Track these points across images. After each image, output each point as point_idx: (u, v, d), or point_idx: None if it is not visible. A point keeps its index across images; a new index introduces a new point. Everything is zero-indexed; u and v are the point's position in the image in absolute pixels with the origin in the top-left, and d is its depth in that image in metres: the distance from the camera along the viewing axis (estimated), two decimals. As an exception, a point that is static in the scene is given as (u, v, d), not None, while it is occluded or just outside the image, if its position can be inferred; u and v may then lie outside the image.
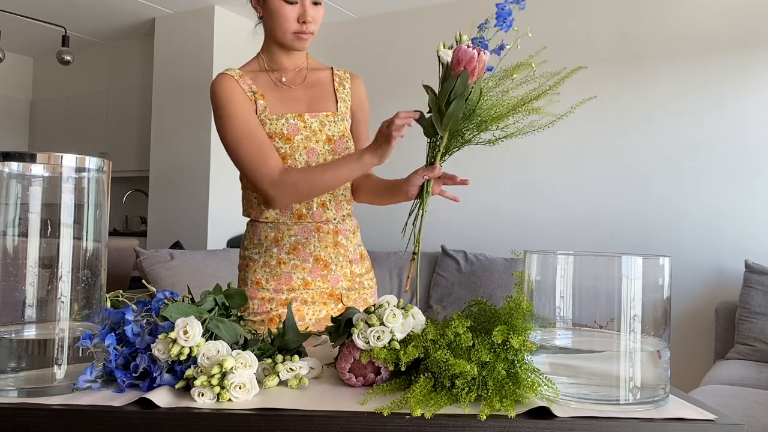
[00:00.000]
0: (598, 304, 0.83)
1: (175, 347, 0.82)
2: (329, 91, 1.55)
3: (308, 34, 1.45)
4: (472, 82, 1.19)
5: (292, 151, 1.46)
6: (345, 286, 1.52)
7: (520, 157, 4.02)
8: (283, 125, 1.46)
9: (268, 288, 1.48)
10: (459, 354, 0.83)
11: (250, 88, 1.47)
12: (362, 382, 0.89)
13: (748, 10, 3.46)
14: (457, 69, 1.19)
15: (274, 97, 1.49)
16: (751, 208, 3.43)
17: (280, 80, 1.51)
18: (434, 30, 4.41)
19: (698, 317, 3.51)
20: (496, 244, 4.05)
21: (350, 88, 1.58)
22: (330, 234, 1.51)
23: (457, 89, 1.18)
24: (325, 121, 1.50)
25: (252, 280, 1.50)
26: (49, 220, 0.84)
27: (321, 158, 1.48)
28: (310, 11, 1.43)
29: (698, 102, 3.57)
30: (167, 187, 4.82)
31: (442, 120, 1.20)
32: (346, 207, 1.55)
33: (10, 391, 0.81)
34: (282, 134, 1.45)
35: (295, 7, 1.42)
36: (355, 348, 0.88)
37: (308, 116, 1.48)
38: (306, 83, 1.53)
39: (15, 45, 5.80)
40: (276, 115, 1.46)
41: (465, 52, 1.18)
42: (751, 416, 2.12)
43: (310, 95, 1.53)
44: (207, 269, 3.35)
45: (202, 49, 4.67)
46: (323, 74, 1.57)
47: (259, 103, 1.46)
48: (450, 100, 1.20)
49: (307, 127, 1.48)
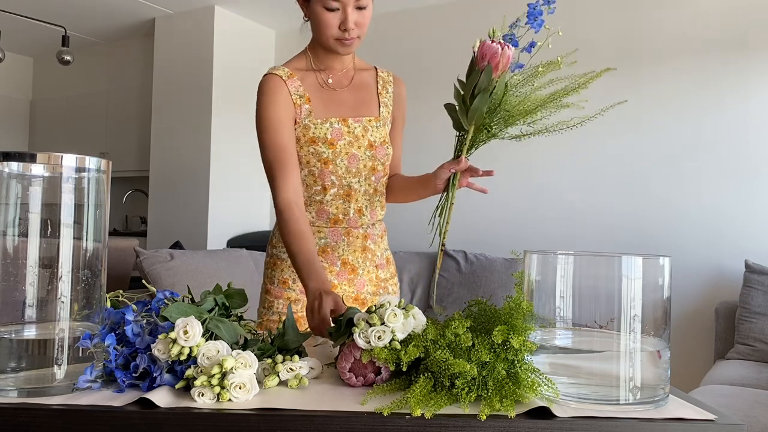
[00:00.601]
0: (598, 304, 0.83)
1: (175, 347, 0.82)
2: (373, 94, 1.53)
3: (351, 39, 1.40)
4: (496, 77, 1.20)
5: (333, 156, 1.44)
6: (370, 291, 1.52)
7: (520, 157, 4.02)
8: (328, 129, 1.44)
9: (294, 288, 1.47)
10: (459, 354, 0.83)
11: (297, 91, 1.44)
12: (362, 382, 0.89)
13: (748, 10, 3.46)
14: (481, 63, 1.21)
15: (320, 100, 1.46)
16: (751, 208, 3.43)
17: (326, 81, 1.49)
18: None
19: (698, 317, 3.51)
20: (496, 244, 4.05)
21: (393, 92, 1.56)
22: (359, 238, 1.50)
23: (482, 83, 1.20)
24: (368, 126, 1.48)
25: (279, 279, 1.49)
26: (49, 220, 0.84)
27: (361, 164, 1.46)
28: (352, 17, 1.37)
29: (698, 102, 3.57)
30: (167, 187, 4.82)
31: (467, 114, 1.21)
32: (380, 212, 1.55)
33: (10, 391, 0.81)
34: (326, 139, 1.43)
35: (336, 13, 1.37)
36: (356, 347, 0.88)
37: (352, 121, 1.47)
38: (352, 85, 1.51)
39: (15, 45, 5.80)
40: (321, 120, 1.44)
41: (489, 47, 1.20)
42: (751, 416, 2.12)
43: (355, 98, 1.50)
44: (207, 269, 3.35)
45: (202, 49, 4.67)
46: (368, 75, 1.55)
47: (304, 108, 1.44)
48: (474, 94, 1.21)
49: (351, 132, 1.46)
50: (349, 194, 1.47)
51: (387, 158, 1.51)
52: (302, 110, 1.44)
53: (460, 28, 4.32)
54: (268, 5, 4.57)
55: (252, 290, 1.34)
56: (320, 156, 1.44)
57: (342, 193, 1.47)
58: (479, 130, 1.26)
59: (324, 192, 1.46)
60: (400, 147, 1.61)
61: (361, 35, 1.41)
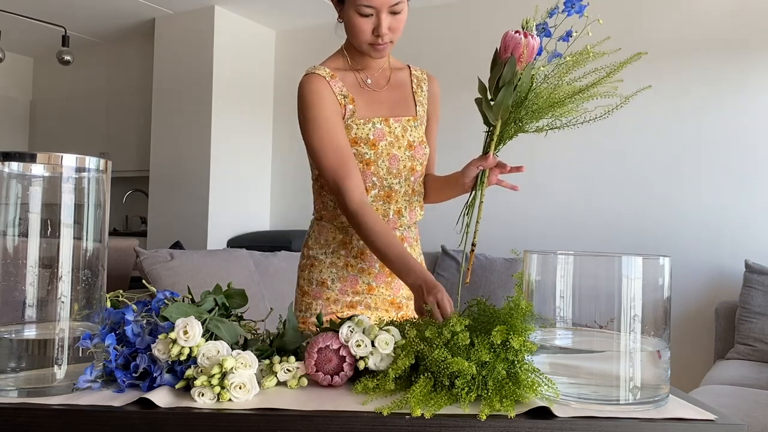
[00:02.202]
0: (598, 304, 0.83)
1: (175, 347, 0.82)
2: (409, 93, 1.51)
3: (384, 44, 1.37)
4: (520, 69, 1.16)
5: (376, 158, 1.42)
6: (405, 295, 1.51)
7: (519, 157, 4.00)
8: (370, 130, 1.42)
9: (333, 289, 1.46)
10: (457, 353, 0.83)
11: (341, 91, 1.42)
12: (329, 381, 0.89)
13: (748, 10, 3.46)
14: (504, 55, 1.16)
15: (362, 100, 1.44)
16: (750, 208, 3.43)
17: (365, 82, 1.47)
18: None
19: (698, 317, 3.51)
20: (496, 244, 4.05)
21: (427, 90, 1.54)
22: None
23: (505, 76, 1.15)
24: (407, 126, 1.46)
25: (317, 279, 1.48)
26: (49, 220, 0.84)
27: (401, 165, 1.44)
28: (385, 23, 1.34)
29: (698, 102, 3.57)
30: (167, 187, 4.82)
31: (492, 108, 1.17)
32: (419, 213, 1.53)
33: (10, 391, 0.81)
34: (368, 139, 1.41)
35: (370, 19, 1.34)
36: (320, 341, 0.90)
37: (393, 121, 1.45)
38: (390, 85, 1.49)
39: (15, 45, 5.80)
40: (363, 120, 1.42)
41: (512, 38, 1.15)
42: (751, 416, 2.12)
43: (393, 98, 1.49)
44: (207, 269, 3.35)
45: (202, 49, 4.67)
46: (403, 74, 1.53)
47: (348, 108, 1.41)
48: (499, 88, 1.16)
49: (392, 133, 1.44)
50: (389, 195, 1.46)
51: (425, 158, 1.50)
52: (346, 110, 1.41)
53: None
54: (268, 5, 4.57)
55: (252, 290, 1.34)
56: (362, 157, 1.42)
57: (383, 195, 1.45)
58: (507, 125, 1.21)
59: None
60: (435, 146, 1.59)
61: (395, 39, 1.39)
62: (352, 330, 0.92)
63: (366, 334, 0.91)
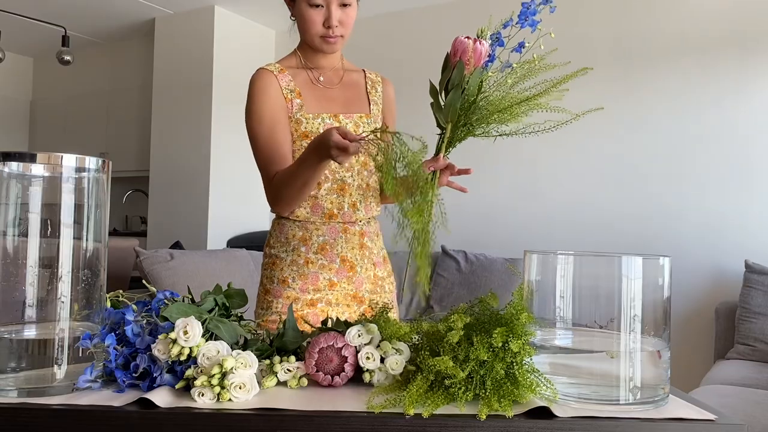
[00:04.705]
0: (598, 304, 0.83)
1: (175, 347, 0.82)
2: (363, 93, 1.57)
3: (335, 37, 1.44)
4: (468, 73, 1.20)
5: None
6: (368, 289, 1.53)
7: (520, 157, 4.02)
8: (320, 125, 1.47)
9: (294, 287, 1.48)
10: (447, 352, 0.82)
11: (288, 86, 1.48)
12: (329, 381, 0.89)
13: (747, 10, 3.46)
14: (453, 60, 1.20)
15: (312, 96, 1.50)
16: (750, 209, 3.43)
17: (317, 79, 1.52)
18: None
19: (698, 317, 3.51)
20: (496, 244, 4.05)
21: (382, 92, 1.60)
22: (356, 236, 1.51)
23: (454, 79, 1.19)
24: (359, 122, 1.51)
25: (278, 278, 1.50)
26: (49, 220, 0.84)
27: (353, 159, 1.48)
28: (336, 15, 1.41)
29: (698, 102, 3.57)
30: (167, 187, 4.82)
31: (442, 110, 1.21)
32: (375, 209, 1.56)
33: (10, 391, 0.81)
34: (318, 134, 1.45)
35: (320, 10, 1.41)
36: (321, 342, 0.89)
37: (343, 117, 1.49)
38: (342, 84, 1.55)
39: (15, 45, 5.80)
40: (312, 114, 1.47)
41: (461, 43, 1.20)
42: (751, 416, 2.12)
43: (345, 96, 1.54)
44: (207, 269, 3.35)
45: (202, 49, 4.67)
46: (357, 76, 1.59)
47: (295, 102, 1.47)
48: (448, 90, 1.20)
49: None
50: (342, 189, 1.49)
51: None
52: (293, 104, 1.47)
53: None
54: (268, 5, 4.57)
55: (252, 290, 1.34)
56: None
57: (336, 188, 1.49)
58: (457, 128, 1.24)
59: (318, 187, 1.48)
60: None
61: (345, 34, 1.46)
62: (360, 334, 0.91)
63: (373, 345, 0.90)
